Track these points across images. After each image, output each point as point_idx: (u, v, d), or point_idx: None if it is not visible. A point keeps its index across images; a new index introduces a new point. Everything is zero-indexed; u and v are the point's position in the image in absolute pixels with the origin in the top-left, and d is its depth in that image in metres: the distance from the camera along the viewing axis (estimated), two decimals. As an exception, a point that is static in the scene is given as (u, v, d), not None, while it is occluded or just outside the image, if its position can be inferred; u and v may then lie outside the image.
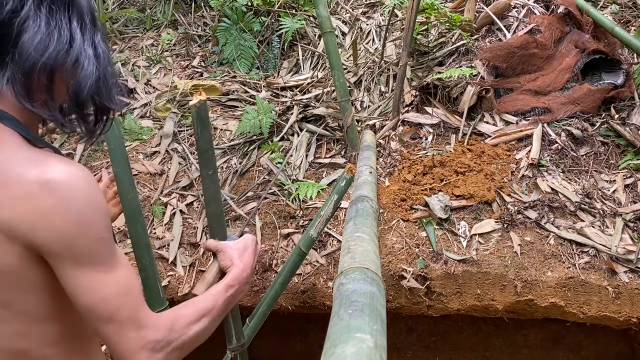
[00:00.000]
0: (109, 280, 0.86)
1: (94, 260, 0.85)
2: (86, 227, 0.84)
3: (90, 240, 0.84)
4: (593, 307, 2.07)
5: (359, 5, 3.80)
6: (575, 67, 2.74)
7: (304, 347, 3.21)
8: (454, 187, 2.40)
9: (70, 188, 0.82)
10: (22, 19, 0.84)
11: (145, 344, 0.87)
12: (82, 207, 0.83)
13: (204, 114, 0.93)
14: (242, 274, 1.10)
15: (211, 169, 1.00)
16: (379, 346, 0.66)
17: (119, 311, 0.86)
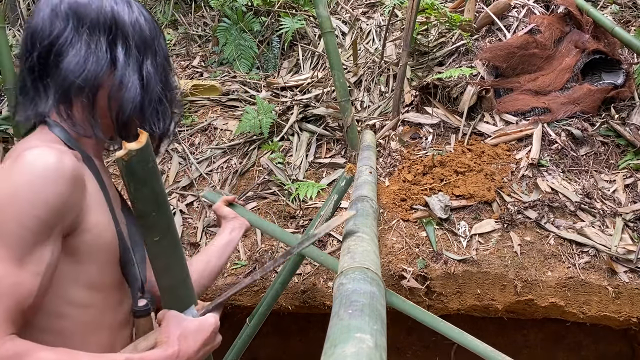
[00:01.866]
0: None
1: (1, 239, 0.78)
2: (12, 204, 0.78)
3: (10, 217, 0.78)
4: (593, 307, 2.07)
5: (359, 5, 3.80)
6: (575, 67, 2.74)
7: (304, 347, 3.20)
8: (454, 187, 2.40)
9: (27, 167, 0.80)
10: (62, 43, 0.90)
11: None
12: (22, 185, 0.79)
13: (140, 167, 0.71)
14: (170, 358, 0.85)
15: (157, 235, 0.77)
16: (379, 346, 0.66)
17: None
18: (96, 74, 0.91)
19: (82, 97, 0.92)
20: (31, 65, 0.93)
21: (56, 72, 0.91)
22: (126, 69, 0.94)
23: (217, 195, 1.68)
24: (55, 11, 0.92)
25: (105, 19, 0.93)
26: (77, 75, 0.90)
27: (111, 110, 0.95)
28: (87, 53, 0.91)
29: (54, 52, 0.91)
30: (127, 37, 0.95)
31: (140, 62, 0.97)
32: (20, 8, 4.17)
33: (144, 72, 0.96)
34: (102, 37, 0.93)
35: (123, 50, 0.94)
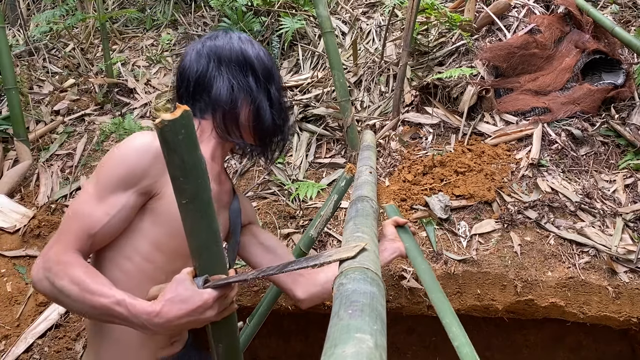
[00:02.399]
0: (82, 199, 1.07)
1: (93, 181, 1.08)
2: (109, 159, 1.09)
3: (104, 168, 1.08)
4: (593, 307, 2.07)
5: (359, 5, 3.79)
6: (575, 67, 2.74)
7: (304, 347, 3.20)
8: (454, 187, 2.40)
9: (131, 141, 1.09)
10: (209, 77, 1.20)
11: (43, 255, 1.02)
12: (121, 151, 1.08)
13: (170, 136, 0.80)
14: (143, 315, 0.93)
15: (185, 198, 0.86)
16: (379, 346, 0.66)
17: (63, 223, 1.06)
18: (239, 97, 1.20)
19: (231, 116, 1.21)
20: (181, 93, 1.24)
21: (207, 97, 1.21)
22: (258, 93, 1.23)
23: (396, 212, 1.69)
24: (199, 53, 1.22)
25: (237, 56, 1.22)
26: (226, 99, 1.19)
27: (253, 126, 1.24)
28: (230, 83, 1.20)
29: (203, 84, 1.21)
30: (254, 68, 1.23)
31: (266, 86, 1.25)
32: (20, 8, 4.17)
33: (273, 98, 1.26)
34: (238, 71, 1.22)
35: (253, 79, 1.23)
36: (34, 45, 3.86)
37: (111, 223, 1.06)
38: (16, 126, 2.96)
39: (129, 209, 1.08)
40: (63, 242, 1.02)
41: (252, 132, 1.26)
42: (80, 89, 3.49)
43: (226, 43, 1.23)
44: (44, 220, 2.54)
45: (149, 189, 1.09)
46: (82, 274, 0.97)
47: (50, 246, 1.02)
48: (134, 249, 1.12)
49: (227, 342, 1.00)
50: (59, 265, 0.98)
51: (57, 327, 2.21)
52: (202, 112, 1.23)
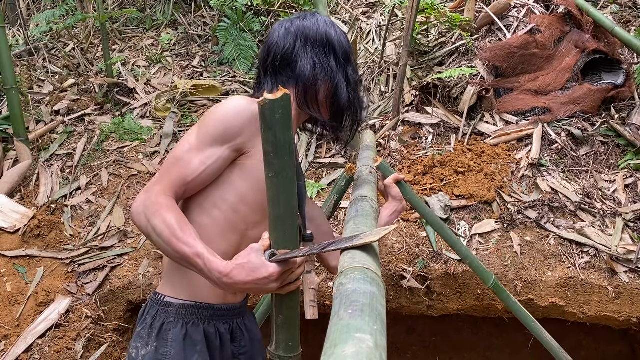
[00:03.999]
0: (183, 146, 1.19)
1: (194, 133, 1.20)
2: (211, 117, 1.20)
3: (206, 123, 1.20)
4: (593, 307, 2.07)
5: (359, 5, 3.79)
6: (576, 67, 2.74)
7: (304, 347, 3.20)
8: (454, 187, 2.40)
9: (230, 102, 1.21)
10: (295, 54, 1.29)
11: (142, 194, 1.13)
12: (221, 110, 1.20)
13: (269, 114, 0.92)
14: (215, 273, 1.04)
15: (272, 172, 0.96)
16: (379, 346, 0.66)
17: (164, 167, 1.19)
18: (321, 75, 1.29)
19: (313, 91, 1.29)
20: (266, 67, 1.32)
21: (291, 72, 1.29)
22: (337, 73, 1.31)
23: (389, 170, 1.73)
24: (288, 31, 1.31)
25: (322, 38, 1.31)
26: (309, 76, 1.28)
27: (330, 103, 1.32)
28: (314, 61, 1.28)
29: (288, 59, 1.29)
30: (336, 50, 1.32)
31: (344, 67, 1.33)
32: (20, 8, 4.17)
33: (350, 78, 1.34)
34: (322, 50, 1.30)
35: (334, 59, 1.31)
36: (34, 45, 3.86)
37: (206, 172, 1.18)
38: (16, 126, 2.96)
39: (222, 162, 1.20)
40: (163, 183, 1.14)
41: (329, 108, 1.35)
42: (80, 89, 3.49)
43: (313, 24, 1.32)
44: (44, 220, 2.54)
45: (242, 146, 1.21)
46: (174, 219, 1.08)
47: (153, 184, 1.15)
48: (222, 199, 1.24)
49: (286, 314, 1.09)
50: (156, 205, 1.10)
51: (57, 327, 2.21)
52: (284, 84, 1.30)
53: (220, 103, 1.23)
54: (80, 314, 2.27)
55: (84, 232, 2.57)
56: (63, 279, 2.36)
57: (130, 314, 2.43)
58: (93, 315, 2.28)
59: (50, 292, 2.30)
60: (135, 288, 2.35)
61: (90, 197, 2.73)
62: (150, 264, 2.40)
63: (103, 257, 2.42)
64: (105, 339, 2.29)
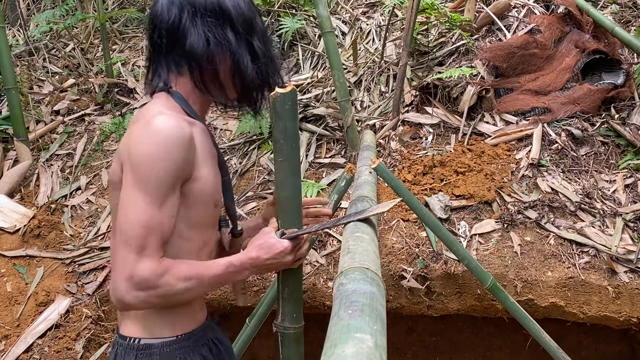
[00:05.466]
0: (143, 209, 1.03)
1: (144, 187, 1.03)
2: (153, 161, 1.03)
3: (150, 171, 1.03)
4: (593, 307, 2.07)
5: (359, 5, 3.79)
6: (575, 67, 2.74)
7: (304, 347, 3.20)
8: (454, 187, 2.40)
9: (159, 130, 1.03)
10: (182, 28, 1.11)
11: (134, 275, 1.01)
12: (158, 147, 1.03)
13: (280, 106, 1.01)
14: (248, 261, 1.12)
15: (281, 157, 1.07)
16: (379, 346, 0.66)
17: (135, 238, 1.02)
18: (216, 51, 1.11)
19: (210, 70, 1.13)
20: (155, 42, 1.15)
21: (181, 50, 1.12)
22: (238, 46, 1.14)
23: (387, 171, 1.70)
24: (171, 0, 1.12)
25: (213, 6, 1.12)
26: (202, 55, 1.11)
27: (233, 81, 1.17)
28: (206, 36, 1.11)
29: (175, 35, 1.12)
30: (232, 19, 1.14)
31: (246, 38, 1.16)
32: (20, 8, 4.17)
33: (256, 48, 1.17)
34: (214, 22, 1.12)
35: (232, 31, 1.14)
36: (34, 45, 3.86)
37: (173, 220, 1.10)
38: (16, 126, 2.96)
39: (178, 200, 1.10)
40: (148, 255, 1.03)
41: (234, 87, 1.19)
42: (80, 89, 3.49)
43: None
44: (44, 220, 2.54)
45: (188, 175, 1.11)
46: (186, 268, 1.07)
47: (133, 264, 1.01)
48: (176, 234, 1.14)
49: (291, 288, 1.19)
50: (164, 277, 1.03)
51: (57, 327, 2.21)
52: (177, 66, 1.15)
53: (147, 134, 1.04)
54: (80, 314, 2.27)
55: (84, 232, 2.57)
56: (63, 279, 2.36)
57: (130, 314, 2.43)
58: (93, 315, 2.28)
59: (50, 292, 2.30)
60: (135, 288, 2.35)
61: (90, 197, 2.73)
62: (150, 264, 2.41)
63: (103, 257, 2.42)
64: (105, 339, 2.29)
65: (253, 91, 1.21)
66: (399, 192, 1.71)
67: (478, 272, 1.86)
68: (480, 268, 1.88)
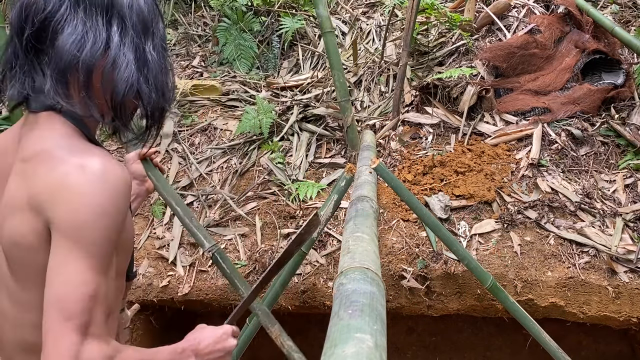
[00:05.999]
0: (90, 277, 0.84)
1: (90, 251, 0.84)
2: (100, 219, 0.85)
3: (98, 231, 0.85)
4: (593, 307, 2.07)
5: (359, 5, 3.80)
6: (575, 67, 2.74)
7: (304, 347, 3.20)
8: (454, 187, 2.40)
9: (103, 178, 0.85)
10: (59, 20, 0.88)
11: (77, 357, 0.81)
12: (106, 200, 0.85)
13: None
14: (189, 347, 1.03)
15: None
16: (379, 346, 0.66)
17: (79, 313, 0.82)
18: (93, 52, 0.89)
19: (78, 76, 0.90)
20: (24, 39, 0.90)
21: (52, 50, 0.89)
22: (121, 49, 0.92)
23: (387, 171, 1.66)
24: None
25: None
26: (74, 54, 0.88)
27: (105, 90, 0.93)
28: (84, 31, 0.89)
29: (50, 29, 0.88)
30: (123, 17, 0.93)
31: (136, 43, 0.95)
32: (20, 8, 4.17)
33: (140, 52, 0.95)
34: (98, 16, 0.91)
35: (119, 30, 0.92)
36: (34, 45, 3.86)
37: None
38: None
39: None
40: (95, 335, 0.84)
41: (105, 98, 0.94)
42: (80, 89, 3.49)
43: None
44: (44, 220, 2.54)
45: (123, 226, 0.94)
46: (134, 354, 0.92)
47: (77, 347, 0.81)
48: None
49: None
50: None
51: (57, 327, 2.21)
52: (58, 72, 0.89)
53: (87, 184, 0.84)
54: (80, 314, 2.27)
55: (84, 232, 2.57)
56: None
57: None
58: (93, 315, 2.28)
59: (50, 292, 2.30)
60: (135, 288, 2.35)
61: (90, 197, 2.73)
62: (150, 264, 2.41)
63: (103, 257, 2.42)
64: (105, 339, 2.29)
65: (126, 106, 0.96)
66: (399, 192, 1.71)
67: (478, 272, 1.86)
68: (480, 268, 1.88)
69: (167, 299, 2.35)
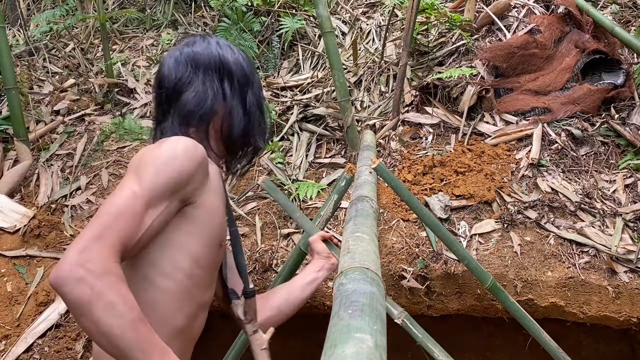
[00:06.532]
0: (126, 194, 0.96)
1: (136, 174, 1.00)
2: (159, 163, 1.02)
3: (153, 169, 1.01)
4: (593, 307, 2.07)
5: (359, 5, 3.79)
6: (575, 67, 2.74)
7: (304, 347, 3.20)
8: (454, 187, 2.40)
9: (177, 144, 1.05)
10: (184, 82, 1.18)
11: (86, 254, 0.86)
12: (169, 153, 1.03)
13: None
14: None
15: None
16: (379, 346, 0.66)
17: (106, 218, 0.92)
18: (211, 104, 1.17)
19: (198, 122, 1.17)
20: (160, 101, 1.21)
21: (182, 105, 1.17)
22: (233, 99, 1.20)
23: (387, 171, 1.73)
24: (177, 61, 1.20)
25: (215, 62, 1.20)
26: (196, 106, 1.16)
27: (222, 133, 1.21)
28: (204, 89, 1.17)
29: (176, 89, 1.17)
30: (232, 74, 1.21)
31: (242, 93, 1.22)
32: (20, 8, 4.17)
33: (244, 100, 1.23)
34: (214, 76, 1.19)
35: (229, 85, 1.21)
36: (34, 45, 3.86)
37: (152, 228, 0.99)
38: (16, 126, 2.96)
39: (167, 215, 1.02)
40: (105, 241, 0.89)
41: (222, 139, 1.22)
42: (80, 89, 3.49)
43: (204, 49, 1.21)
44: (44, 220, 2.54)
45: (189, 195, 1.06)
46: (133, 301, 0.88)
47: (90, 241, 0.87)
48: (173, 265, 1.06)
49: None
50: (109, 275, 0.86)
51: (57, 327, 2.21)
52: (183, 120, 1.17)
53: (162, 143, 1.06)
54: (81, 314, 2.27)
55: (84, 232, 2.57)
56: (63, 279, 2.37)
57: (130, 314, 2.43)
58: (93, 315, 2.28)
59: (50, 292, 2.30)
60: (135, 288, 2.35)
61: (91, 197, 2.73)
62: (150, 264, 2.40)
63: (103, 257, 2.42)
64: (105, 339, 2.29)
65: (238, 144, 1.24)
66: (399, 192, 1.71)
67: (478, 272, 1.86)
68: (480, 268, 1.88)
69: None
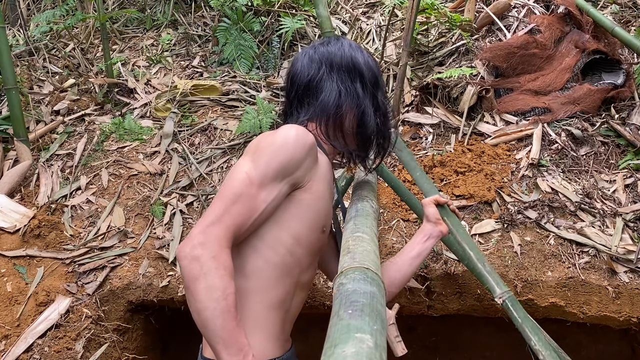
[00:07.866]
0: (241, 178, 1.07)
1: (251, 159, 1.10)
2: (274, 148, 1.11)
3: (263, 151, 1.11)
4: (593, 307, 2.07)
5: (359, 5, 3.80)
6: (575, 67, 2.74)
7: (304, 347, 3.20)
8: (454, 187, 2.40)
9: (290, 132, 1.13)
10: (320, 81, 1.25)
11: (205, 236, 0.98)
12: (283, 139, 1.12)
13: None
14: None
15: None
16: (379, 346, 0.66)
17: (225, 202, 1.03)
18: (344, 103, 1.24)
19: (330, 119, 1.24)
20: (293, 97, 1.29)
21: (314, 102, 1.25)
22: (365, 99, 1.26)
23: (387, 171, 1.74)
24: (311, 58, 1.27)
25: (348, 63, 1.26)
26: (333, 104, 1.23)
27: (355, 130, 1.27)
28: (339, 88, 1.24)
29: (312, 88, 1.25)
30: (362, 75, 1.27)
31: (372, 93, 1.28)
32: (20, 8, 4.17)
33: (375, 100, 1.29)
34: (347, 76, 1.25)
35: (361, 85, 1.26)
36: (34, 45, 3.86)
37: (266, 211, 1.10)
38: (16, 126, 2.96)
39: (279, 198, 1.11)
40: (223, 225, 1.01)
41: (355, 137, 1.29)
42: (80, 89, 3.49)
43: (338, 49, 1.27)
44: (44, 220, 2.54)
45: (299, 180, 1.14)
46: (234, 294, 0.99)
47: (211, 224, 1.01)
48: (277, 240, 1.15)
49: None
50: (221, 262, 0.98)
51: (57, 327, 2.21)
52: (309, 115, 1.26)
53: (276, 131, 1.16)
54: (80, 314, 2.27)
55: (84, 232, 2.57)
56: (63, 279, 2.37)
57: (131, 314, 2.43)
58: (93, 315, 2.28)
59: (50, 292, 2.30)
60: (135, 288, 2.35)
61: (90, 197, 2.73)
62: (150, 264, 2.41)
63: (103, 257, 2.42)
64: (105, 339, 2.29)
65: (371, 141, 1.31)
66: (399, 192, 1.71)
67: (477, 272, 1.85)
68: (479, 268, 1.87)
69: (167, 299, 2.35)
